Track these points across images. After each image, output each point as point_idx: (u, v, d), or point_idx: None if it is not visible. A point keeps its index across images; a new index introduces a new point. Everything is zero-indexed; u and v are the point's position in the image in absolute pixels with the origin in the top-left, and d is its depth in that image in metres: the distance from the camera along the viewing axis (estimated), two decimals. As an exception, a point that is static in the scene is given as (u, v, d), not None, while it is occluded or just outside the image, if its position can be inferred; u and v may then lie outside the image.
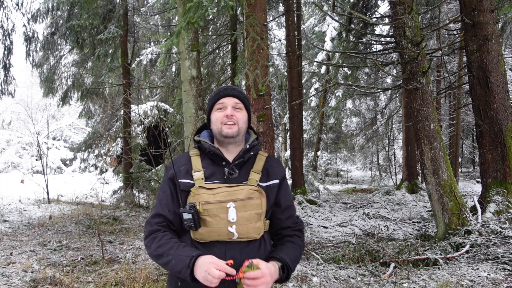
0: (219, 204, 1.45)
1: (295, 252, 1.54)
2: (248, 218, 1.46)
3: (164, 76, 15.58)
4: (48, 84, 11.82)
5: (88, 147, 12.73)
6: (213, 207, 1.45)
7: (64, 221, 7.87)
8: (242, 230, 1.45)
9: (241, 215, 1.45)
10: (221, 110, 1.57)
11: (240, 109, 1.59)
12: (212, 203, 1.45)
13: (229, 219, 1.44)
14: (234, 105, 1.57)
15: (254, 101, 4.80)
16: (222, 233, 1.45)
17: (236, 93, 1.59)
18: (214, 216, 1.45)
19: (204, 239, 1.47)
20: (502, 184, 6.17)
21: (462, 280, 4.07)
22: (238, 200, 1.45)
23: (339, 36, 11.51)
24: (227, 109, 1.56)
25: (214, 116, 1.58)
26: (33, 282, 4.14)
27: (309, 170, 13.11)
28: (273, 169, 1.59)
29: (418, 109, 5.84)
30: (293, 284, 4.05)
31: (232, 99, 1.58)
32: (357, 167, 26.60)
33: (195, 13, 4.20)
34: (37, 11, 10.07)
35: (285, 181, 1.63)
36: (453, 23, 9.10)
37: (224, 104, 1.57)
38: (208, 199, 1.45)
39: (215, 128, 1.57)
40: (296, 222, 1.65)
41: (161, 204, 1.54)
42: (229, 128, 1.53)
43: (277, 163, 1.65)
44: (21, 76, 21.68)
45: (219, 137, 1.57)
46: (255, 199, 1.47)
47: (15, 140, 21.49)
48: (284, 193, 1.61)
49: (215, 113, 1.58)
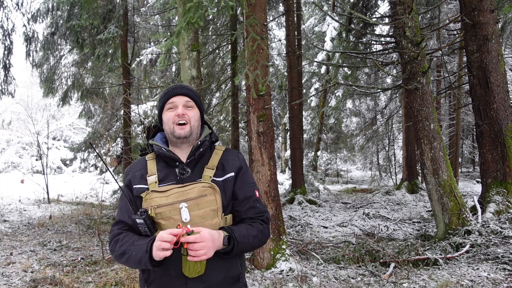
0: (172, 206, 1.43)
1: (249, 230, 1.49)
2: (202, 216, 1.42)
3: (164, 76, 15.57)
4: (48, 84, 11.81)
5: (88, 147, 12.72)
6: (165, 209, 1.43)
7: (64, 221, 7.87)
8: None
9: (195, 213, 1.42)
10: (172, 110, 1.55)
11: (191, 107, 1.57)
12: (164, 205, 1.44)
13: (182, 219, 1.42)
14: (185, 103, 1.56)
15: (254, 101, 4.80)
16: None
17: (186, 91, 1.58)
18: (167, 218, 1.43)
19: None
20: (502, 184, 6.17)
21: (462, 280, 4.07)
22: (190, 199, 1.43)
23: (339, 36, 11.50)
24: (178, 108, 1.54)
25: (165, 116, 1.56)
26: (33, 282, 4.14)
27: (309, 170, 13.11)
28: (228, 162, 1.56)
29: (418, 109, 5.84)
30: (293, 284, 4.05)
31: (182, 98, 1.56)
32: (357, 167, 26.59)
33: (195, 13, 4.19)
34: (37, 11, 10.07)
35: (243, 172, 1.58)
36: (453, 23, 9.10)
37: (175, 103, 1.55)
38: (160, 202, 1.44)
39: (167, 128, 1.55)
40: (261, 213, 1.57)
41: (122, 211, 1.56)
42: (181, 129, 1.52)
43: (233, 155, 1.61)
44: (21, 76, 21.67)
45: (172, 138, 1.56)
46: (209, 196, 1.44)
47: (15, 140, 21.50)
48: (241, 184, 1.56)
49: (166, 113, 1.56)
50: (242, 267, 1.57)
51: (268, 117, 4.86)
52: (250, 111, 4.84)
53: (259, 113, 4.80)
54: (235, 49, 10.35)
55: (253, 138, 4.81)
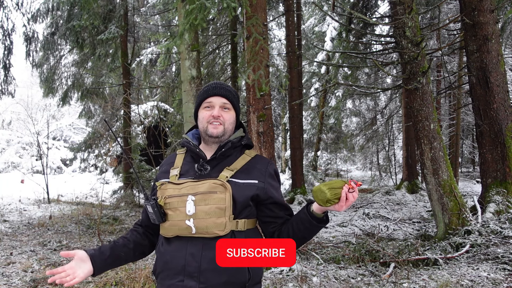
0: (180, 198, 1.44)
1: None
2: (207, 212, 1.40)
3: (164, 76, 15.58)
4: (48, 84, 11.81)
5: (88, 147, 12.72)
6: (174, 200, 1.45)
7: (64, 221, 7.87)
8: (200, 224, 1.40)
9: (200, 208, 1.41)
10: (208, 109, 1.54)
11: (228, 109, 1.56)
12: (174, 196, 1.45)
13: (186, 211, 1.41)
14: (222, 105, 1.54)
15: (254, 101, 4.81)
16: (181, 227, 1.42)
17: (225, 92, 1.55)
18: (174, 209, 1.44)
19: (167, 233, 1.47)
20: (502, 184, 6.17)
21: (462, 280, 4.07)
22: (198, 194, 1.42)
23: (339, 36, 11.50)
24: (214, 109, 1.53)
25: (201, 114, 1.56)
26: (33, 282, 4.14)
27: (309, 170, 13.12)
28: (255, 169, 1.54)
29: (418, 109, 5.84)
30: (293, 284, 4.05)
31: (220, 99, 1.54)
32: (357, 167, 26.58)
33: (198, 15, 4.19)
34: (37, 11, 10.07)
35: (273, 181, 1.58)
36: (453, 23, 9.10)
37: (212, 104, 1.54)
38: (172, 193, 1.46)
39: (201, 126, 1.55)
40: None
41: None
42: (215, 128, 1.51)
43: (263, 163, 1.58)
44: (21, 76, 21.68)
45: (204, 136, 1.56)
46: (219, 193, 1.42)
47: (15, 140, 21.50)
48: (277, 191, 1.59)
49: (202, 111, 1.55)
50: (252, 275, 1.46)
51: (268, 117, 4.86)
52: (250, 111, 4.84)
53: (259, 113, 4.80)
54: (235, 49, 10.35)
55: (253, 138, 4.81)
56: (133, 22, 12.27)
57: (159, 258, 1.50)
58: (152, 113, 12.24)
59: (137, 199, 10.63)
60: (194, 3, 4.19)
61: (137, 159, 10.02)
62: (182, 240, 1.44)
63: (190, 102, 6.25)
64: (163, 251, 1.49)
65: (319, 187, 1.39)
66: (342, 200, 1.36)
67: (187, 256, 1.41)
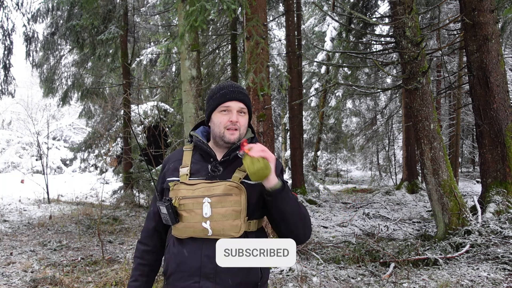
0: (195, 199, 1.43)
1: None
2: (224, 214, 1.40)
3: (164, 76, 15.58)
4: (48, 84, 11.81)
5: (88, 147, 12.72)
6: (189, 202, 1.44)
7: (64, 221, 7.87)
8: (217, 227, 1.40)
9: (217, 211, 1.41)
10: (225, 113, 1.52)
11: (244, 113, 1.55)
12: (189, 198, 1.44)
13: (203, 214, 1.41)
14: (239, 109, 1.53)
15: (255, 101, 4.81)
16: (196, 229, 1.42)
17: (243, 97, 1.55)
18: (189, 211, 1.43)
19: (181, 235, 1.47)
20: (502, 184, 6.17)
21: (462, 280, 4.07)
22: (214, 196, 1.42)
23: (339, 36, 11.50)
24: (232, 114, 1.51)
25: (217, 118, 1.53)
26: (33, 282, 4.14)
27: (309, 170, 13.11)
28: None
29: (418, 109, 5.84)
30: (293, 284, 4.05)
31: (238, 104, 1.53)
32: (357, 167, 26.57)
33: (198, 17, 4.19)
34: (37, 11, 10.06)
35: (281, 177, 1.56)
36: (453, 23, 9.10)
37: (230, 108, 1.52)
38: (186, 194, 1.45)
39: (217, 130, 1.53)
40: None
41: (151, 205, 1.65)
42: (232, 134, 1.51)
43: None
44: (21, 76, 21.69)
45: (219, 140, 1.54)
46: (234, 196, 1.42)
47: (15, 140, 21.49)
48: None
49: (219, 115, 1.53)
50: (263, 274, 1.50)
51: (268, 117, 4.86)
52: (250, 111, 4.84)
53: (259, 113, 4.80)
54: (235, 49, 10.35)
55: (253, 138, 4.80)
56: (133, 22, 12.28)
57: (171, 260, 1.49)
58: (152, 113, 12.24)
59: (137, 199, 10.63)
60: (194, 4, 4.19)
61: (137, 159, 10.02)
62: (196, 241, 1.44)
63: (190, 102, 6.25)
64: (176, 252, 1.48)
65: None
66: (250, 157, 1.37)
67: (202, 257, 1.42)
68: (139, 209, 9.67)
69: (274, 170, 1.43)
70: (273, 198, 1.41)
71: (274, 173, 1.40)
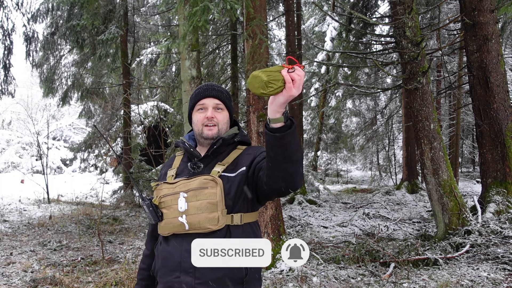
0: (173, 196, 1.48)
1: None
2: (199, 207, 1.42)
3: (164, 76, 15.57)
4: (48, 84, 11.80)
5: (88, 147, 12.72)
6: (168, 198, 1.49)
7: (64, 221, 7.87)
8: (192, 220, 1.42)
9: (192, 204, 1.43)
10: (201, 111, 1.57)
11: (221, 109, 1.58)
12: (168, 195, 1.49)
13: (179, 208, 1.44)
14: (214, 106, 1.56)
15: (254, 101, 4.81)
16: (175, 224, 1.45)
17: (217, 93, 1.57)
18: (168, 207, 1.48)
19: (163, 232, 1.51)
20: (502, 184, 6.17)
21: (462, 280, 4.07)
22: (190, 190, 1.45)
23: (339, 36, 11.49)
24: (207, 111, 1.56)
25: (195, 117, 1.58)
26: (33, 282, 4.14)
27: (309, 170, 13.10)
28: (244, 157, 1.52)
29: (418, 109, 5.84)
30: (293, 284, 4.05)
31: (212, 100, 1.56)
32: (357, 167, 26.55)
33: (201, 17, 4.18)
34: (37, 11, 10.06)
35: (258, 157, 1.49)
36: (453, 23, 9.10)
37: (205, 105, 1.56)
38: (167, 192, 1.51)
39: (196, 129, 1.58)
40: None
41: None
42: (209, 129, 1.54)
43: (253, 149, 1.55)
44: (21, 76, 21.68)
45: (199, 138, 1.58)
46: (210, 189, 1.43)
47: (15, 140, 21.49)
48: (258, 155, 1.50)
49: (196, 114, 1.58)
50: (248, 271, 1.44)
51: (268, 117, 4.85)
52: (250, 111, 4.84)
53: (259, 113, 4.80)
54: (235, 49, 10.34)
55: (253, 138, 4.81)
56: (133, 22, 12.28)
57: (158, 257, 1.54)
58: (152, 113, 12.24)
59: (137, 199, 10.62)
60: (197, 5, 4.18)
61: (137, 159, 10.02)
62: (178, 237, 1.47)
63: (190, 102, 6.24)
64: (161, 249, 1.52)
65: (253, 74, 1.19)
66: (288, 81, 1.16)
67: (182, 252, 1.43)
68: (139, 209, 9.67)
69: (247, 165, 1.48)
70: (279, 137, 1.23)
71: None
